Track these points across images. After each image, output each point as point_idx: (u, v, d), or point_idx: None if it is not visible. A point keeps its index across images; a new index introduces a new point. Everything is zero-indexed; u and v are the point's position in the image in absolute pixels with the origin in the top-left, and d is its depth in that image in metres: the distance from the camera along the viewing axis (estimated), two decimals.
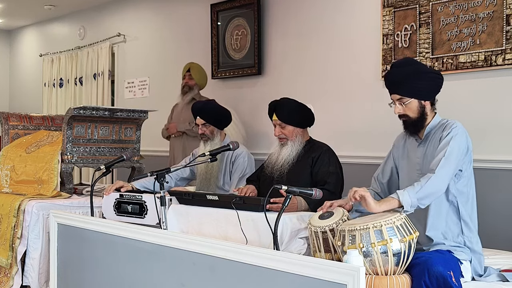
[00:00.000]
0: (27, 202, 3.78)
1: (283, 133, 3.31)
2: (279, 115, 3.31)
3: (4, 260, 3.77)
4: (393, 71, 2.66)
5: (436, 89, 2.63)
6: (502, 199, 3.51)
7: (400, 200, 2.38)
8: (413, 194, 2.39)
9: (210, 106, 3.87)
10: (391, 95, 2.65)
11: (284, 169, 3.26)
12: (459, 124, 2.56)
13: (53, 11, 7.54)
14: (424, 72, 2.62)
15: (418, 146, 2.67)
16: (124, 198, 3.53)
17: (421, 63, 2.67)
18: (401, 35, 4.00)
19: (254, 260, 2.02)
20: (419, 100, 2.59)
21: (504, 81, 3.53)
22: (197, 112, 3.83)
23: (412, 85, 2.58)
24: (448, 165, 2.44)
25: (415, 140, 2.69)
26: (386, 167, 2.85)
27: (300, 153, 3.28)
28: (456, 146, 2.48)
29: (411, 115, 2.62)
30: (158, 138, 5.80)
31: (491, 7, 3.54)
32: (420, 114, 2.61)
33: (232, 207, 2.87)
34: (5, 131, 4.63)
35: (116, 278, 2.71)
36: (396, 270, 2.28)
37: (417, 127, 2.64)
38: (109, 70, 6.85)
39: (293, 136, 3.30)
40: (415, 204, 2.39)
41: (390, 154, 2.85)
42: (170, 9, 6.10)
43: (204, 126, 3.80)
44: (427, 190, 2.40)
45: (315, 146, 3.34)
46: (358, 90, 4.33)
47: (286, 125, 3.30)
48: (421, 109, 2.60)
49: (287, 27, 4.85)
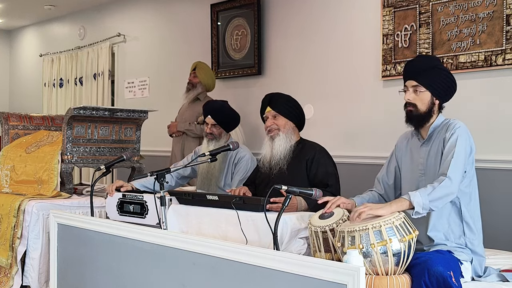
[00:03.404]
0: (27, 202, 3.78)
1: (275, 123, 3.26)
2: (272, 105, 3.28)
3: (4, 260, 3.77)
4: (418, 59, 2.72)
5: (450, 93, 2.63)
6: (502, 199, 3.51)
7: (412, 201, 2.35)
8: (425, 195, 2.36)
9: (224, 109, 3.83)
10: (407, 81, 2.64)
11: (283, 164, 3.21)
12: (462, 124, 2.56)
13: (53, 11, 7.54)
14: (446, 72, 2.62)
15: (421, 146, 2.66)
16: (127, 198, 3.54)
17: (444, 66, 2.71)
18: (401, 35, 4.00)
19: (254, 260, 2.02)
20: (432, 95, 2.59)
21: (504, 81, 3.53)
22: (210, 111, 3.79)
23: (432, 78, 2.58)
24: (458, 167, 2.43)
25: (418, 139, 2.68)
26: (390, 168, 2.83)
27: (294, 150, 3.24)
28: (462, 147, 2.48)
29: (419, 106, 2.60)
30: (158, 138, 5.81)
31: (491, 7, 3.54)
32: (428, 109, 2.60)
33: (232, 207, 2.87)
34: (5, 131, 4.63)
35: (116, 278, 2.71)
36: (396, 270, 2.28)
37: (420, 122, 2.63)
38: (109, 70, 6.85)
39: (285, 128, 3.26)
40: (427, 206, 2.36)
41: (393, 155, 2.84)
42: (170, 9, 6.11)
43: (214, 126, 3.78)
44: (440, 193, 2.38)
45: (307, 146, 3.30)
46: (358, 90, 4.33)
47: (279, 116, 3.26)
48: (430, 105, 2.59)
49: (287, 27, 4.85)
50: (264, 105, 3.36)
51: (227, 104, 3.94)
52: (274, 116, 3.28)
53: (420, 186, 2.57)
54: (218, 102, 3.99)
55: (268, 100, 3.33)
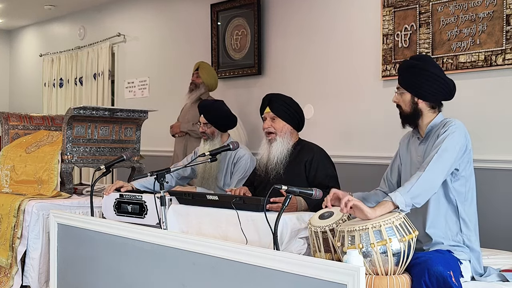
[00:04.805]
0: (27, 202, 3.78)
1: (272, 127, 3.25)
2: (271, 106, 3.26)
3: (4, 260, 3.77)
4: (405, 61, 2.74)
5: (439, 93, 2.62)
6: (502, 199, 3.51)
7: (394, 201, 2.36)
8: (405, 193, 2.37)
9: (216, 108, 3.83)
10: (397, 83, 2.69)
11: (280, 169, 3.20)
12: (458, 122, 2.55)
13: (53, 11, 7.54)
14: (430, 72, 2.59)
15: (419, 144, 2.68)
16: (124, 198, 3.53)
17: (436, 65, 2.66)
18: (401, 35, 4.00)
19: (254, 260, 2.02)
20: (412, 95, 2.61)
21: (504, 81, 3.53)
22: (202, 110, 3.82)
23: (411, 79, 2.60)
24: (441, 161, 2.42)
25: (418, 138, 2.70)
26: (394, 166, 2.84)
27: (291, 153, 3.23)
28: (451, 143, 2.47)
29: (403, 107, 2.65)
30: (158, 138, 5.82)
31: (491, 7, 3.54)
32: (413, 110, 2.62)
33: (232, 207, 2.87)
34: (5, 131, 4.63)
35: (116, 278, 2.71)
36: (396, 270, 2.28)
37: (407, 121, 2.67)
38: (109, 70, 6.85)
39: (282, 132, 3.24)
40: (409, 203, 2.37)
41: (397, 153, 2.85)
42: (170, 9, 6.11)
43: (205, 125, 3.80)
44: (419, 188, 2.38)
45: (306, 147, 3.28)
46: (358, 90, 4.33)
47: (277, 118, 3.25)
48: (413, 105, 2.62)
49: (287, 27, 4.85)
50: (264, 104, 3.35)
51: (221, 103, 3.93)
52: (272, 118, 3.26)
53: None
54: (210, 101, 4.01)
55: (268, 101, 3.32)
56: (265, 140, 3.33)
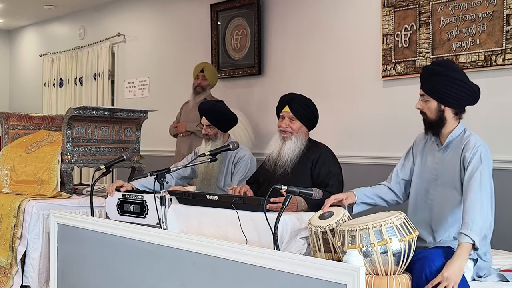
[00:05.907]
0: (27, 202, 3.78)
1: (290, 127, 3.24)
2: (292, 107, 3.23)
3: (4, 260, 3.77)
4: (427, 66, 2.70)
5: (464, 100, 2.59)
6: (502, 199, 3.51)
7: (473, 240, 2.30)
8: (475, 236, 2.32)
9: (217, 109, 3.81)
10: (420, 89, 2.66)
11: (288, 167, 3.20)
12: (483, 144, 2.52)
13: (53, 11, 7.54)
14: (454, 79, 2.55)
15: (438, 150, 2.66)
16: (127, 198, 3.54)
17: (461, 71, 2.61)
18: (401, 35, 4.00)
19: (254, 260, 2.02)
20: (438, 102, 2.58)
21: (504, 81, 3.53)
22: (203, 112, 3.80)
23: (436, 86, 2.56)
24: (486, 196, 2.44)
25: (437, 145, 2.68)
26: (406, 164, 2.81)
27: (302, 153, 3.24)
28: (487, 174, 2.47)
29: (428, 115, 2.62)
30: (158, 138, 5.81)
31: (491, 7, 3.54)
32: (438, 118, 2.59)
33: (232, 207, 2.87)
34: (5, 131, 4.63)
35: (116, 278, 2.71)
36: (396, 270, 2.28)
37: (432, 129, 2.63)
38: (109, 70, 6.85)
39: (298, 133, 3.25)
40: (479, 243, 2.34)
41: (410, 151, 2.82)
42: (170, 9, 6.11)
43: (208, 127, 3.78)
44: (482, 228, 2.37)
45: (315, 147, 3.29)
46: (358, 90, 4.33)
47: (295, 119, 3.24)
48: (439, 113, 2.59)
49: (287, 27, 4.85)
50: (282, 103, 3.30)
51: (222, 104, 3.93)
52: (291, 119, 3.24)
53: (430, 188, 2.62)
54: (212, 102, 3.99)
55: (288, 100, 3.28)
56: (278, 137, 3.31)
